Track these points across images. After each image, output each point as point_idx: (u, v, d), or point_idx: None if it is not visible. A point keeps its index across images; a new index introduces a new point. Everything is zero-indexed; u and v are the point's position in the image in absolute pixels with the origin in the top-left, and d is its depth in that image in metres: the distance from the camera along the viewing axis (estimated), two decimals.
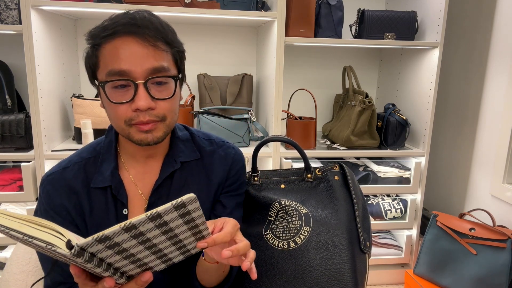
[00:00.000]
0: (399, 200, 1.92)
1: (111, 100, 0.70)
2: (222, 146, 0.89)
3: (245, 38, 2.07)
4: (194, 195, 0.52)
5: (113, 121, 0.74)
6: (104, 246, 0.50)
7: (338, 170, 0.99)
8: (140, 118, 0.70)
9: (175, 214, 0.53)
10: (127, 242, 0.52)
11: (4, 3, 1.51)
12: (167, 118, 0.74)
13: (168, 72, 0.72)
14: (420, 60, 1.87)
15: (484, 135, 1.79)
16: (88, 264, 0.51)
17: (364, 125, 1.80)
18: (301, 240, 0.87)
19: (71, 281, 0.76)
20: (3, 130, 1.54)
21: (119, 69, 0.68)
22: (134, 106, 0.69)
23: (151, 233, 0.53)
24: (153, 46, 0.69)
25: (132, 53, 0.68)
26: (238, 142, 1.75)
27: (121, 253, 0.53)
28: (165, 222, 0.53)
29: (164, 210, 0.51)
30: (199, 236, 0.61)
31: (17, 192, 1.58)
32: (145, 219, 0.50)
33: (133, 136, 0.72)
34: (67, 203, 0.77)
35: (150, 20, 0.70)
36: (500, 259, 1.41)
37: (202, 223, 0.58)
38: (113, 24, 0.69)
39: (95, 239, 0.49)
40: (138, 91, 0.69)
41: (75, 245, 0.48)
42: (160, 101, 0.71)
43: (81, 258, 0.49)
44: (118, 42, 0.68)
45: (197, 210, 0.55)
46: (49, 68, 1.61)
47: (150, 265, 0.60)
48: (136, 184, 0.80)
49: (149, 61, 0.69)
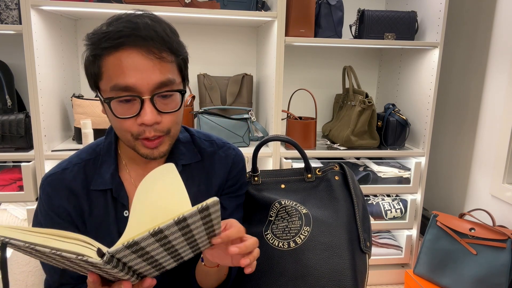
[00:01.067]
0: (399, 200, 1.92)
1: (117, 116, 0.69)
2: (223, 147, 0.89)
3: (245, 38, 2.07)
4: (217, 199, 0.53)
5: (119, 132, 0.73)
6: (131, 251, 0.52)
7: (338, 170, 0.99)
8: (146, 134, 0.70)
9: (198, 217, 0.54)
10: (150, 246, 0.53)
11: (4, 3, 1.51)
12: (172, 130, 0.73)
13: (174, 84, 0.70)
14: (420, 60, 1.87)
15: (484, 135, 1.79)
16: (115, 270, 0.52)
17: (364, 125, 1.80)
18: (301, 240, 0.87)
19: (73, 282, 0.77)
20: (3, 130, 1.54)
21: (125, 85, 0.66)
22: (140, 120, 0.68)
23: (173, 236, 0.54)
24: (158, 58, 0.67)
25: (137, 66, 0.66)
26: (238, 142, 1.75)
27: (143, 256, 0.55)
28: (188, 225, 0.54)
29: (189, 214, 0.52)
30: (212, 234, 0.62)
31: (17, 192, 1.58)
32: (172, 224, 0.51)
33: (139, 150, 0.72)
34: (66, 204, 0.77)
35: (154, 28, 0.68)
36: (500, 259, 1.41)
37: (218, 222, 0.59)
38: (116, 34, 0.66)
39: (125, 246, 0.50)
40: (144, 106, 0.68)
41: (106, 252, 0.49)
42: (166, 114, 0.71)
43: (110, 264, 0.51)
44: (122, 55, 0.66)
45: (217, 211, 0.56)
46: (49, 68, 1.61)
47: (164, 264, 0.61)
48: (136, 186, 0.80)
49: (155, 74, 0.67)
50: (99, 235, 0.77)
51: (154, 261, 0.58)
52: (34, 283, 0.91)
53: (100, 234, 0.77)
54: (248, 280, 0.88)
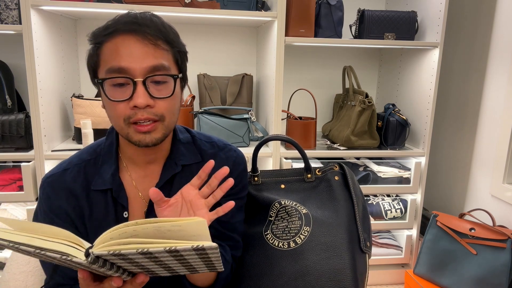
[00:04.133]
0: (399, 200, 1.92)
1: (110, 98, 0.70)
2: (224, 149, 0.88)
3: (245, 38, 2.07)
4: (216, 245, 0.52)
5: (112, 120, 0.74)
6: (118, 258, 0.52)
7: (338, 170, 0.99)
8: (138, 116, 0.69)
9: (193, 252, 0.53)
10: (140, 259, 0.53)
11: (4, 3, 1.51)
12: (166, 118, 0.73)
13: (168, 71, 0.71)
14: (420, 60, 1.87)
15: (484, 135, 1.79)
16: (101, 269, 0.52)
17: (364, 125, 1.80)
18: (301, 240, 0.87)
19: (72, 282, 0.76)
20: (3, 130, 1.54)
21: (118, 67, 0.68)
22: (132, 103, 0.69)
23: (165, 258, 0.54)
24: (153, 44, 0.69)
25: (131, 51, 0.68)
26: (238, 142, 1.75)
27: (132, 263, 0.55)
28: (181, 255, 0.53)
29: (183, 248, 0.51)
30: (212, 268, 0.61)
31: (17, 192, 1.58)
32: (162, 251, 0.51)
33: (132, 137, 0.72)
34: (66, 205, 0.76)
35: (151, 19, 0.71)
36: (500, 259, 1.41)
37: (218, 262, 0.58)
38: (115, 23, 0.69)
39: (110, 254, 0.50)
40: (136, 89, 0.68)
41: (91, 253, 0.50)
42: (159, 100, 0.71)
43: (96, 264, 0.51)
44: (118, 40, 0.69)
45: (215, 254, 0.54)
46: (49, 68, 1.61)
47: (156, 272, 0.61)
48: (136, 187, 0.80)
49: (149, 59, 0.69)
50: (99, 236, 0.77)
51: (145, 268, 0.58)
52: (34, 283, 0.91)
53: (100, 235, 0.77)
54: (248, 280, 0.88)
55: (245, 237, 0.93)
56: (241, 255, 0.91)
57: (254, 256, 0.90)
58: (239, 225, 0.89)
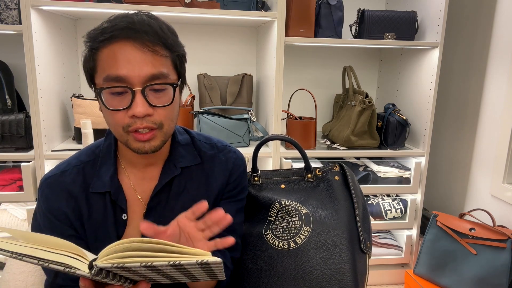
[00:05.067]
0: (399, 200, 1.92)
1: (108, 107, 0.69)
2: (223, 150, 0.87)
3: (245, 38, 2.07)
4: (220, 260, 0.52)
5: (111, 126, 0.73)
6: (122, 270, 0.52)
7: (338, 170, 0.99)
8: (137, 124, 0.68)
9: (197, 267, 0.53)
10: (143, 271, 0.54)
11: (4, 3, 1.51)
12: (164, 125, 0.72)
13: (167, 78, 0.70)
14: (420, 60, 1.87)
15: (484, 135, 1.79)
16: (105, 279, 0.53)
17: (364, 125, 1.80)
18: (301, 240, 0.87)
19: (73, 284, 0.76)
20: (3, 130, 1.54)
21: (116, 75, 0.66)
22: (131, 112, 0.68)
23: (168, 270, 0.54)
24: (151, 51, 0.68)
25: (129, 58, 0.66)
26: (238, 142, 1.75)
27: (134, 273, 0.55)
28: (185, 268, 0.54)
29: (187, 263, 0.51)
30: (214, 278, 0.62)
31: (17, 192, 1.58)
32: (166, 265, 0.51)
33: (131, 144, 0.71)
34: (65, 206, 0.76)
35: (149, 23, 0.68)
36: (500, 259, 1.41)
37: (221, 273, 0.59)
38: (111, 28, 0.67)
39: (114, 267, 0.50)
40: (135, 98, 0.67)
41: (95, 265, 0.50)
42: (158, 108, 0.70)
43: (99, 276, 0.51)
44: (115, 46, 0.67)
45: (219, 267, 0.55)
46: (49, 68, 1.61)
47: (157, 280, 0.61)
48: (135, 189, 0.80)
49: (147, 67, 0.67)
50: (98, 238, 0.77)
51: (147, 277, 0.58)
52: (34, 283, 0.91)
53: (99, 237, 0.77)
54: (248, 280, 0.88)
55: (245, 237, 0.93)
56: (241, 255, 0.91)
57: (254, 256, 0.90)
58: (238, 227, 0.88)
